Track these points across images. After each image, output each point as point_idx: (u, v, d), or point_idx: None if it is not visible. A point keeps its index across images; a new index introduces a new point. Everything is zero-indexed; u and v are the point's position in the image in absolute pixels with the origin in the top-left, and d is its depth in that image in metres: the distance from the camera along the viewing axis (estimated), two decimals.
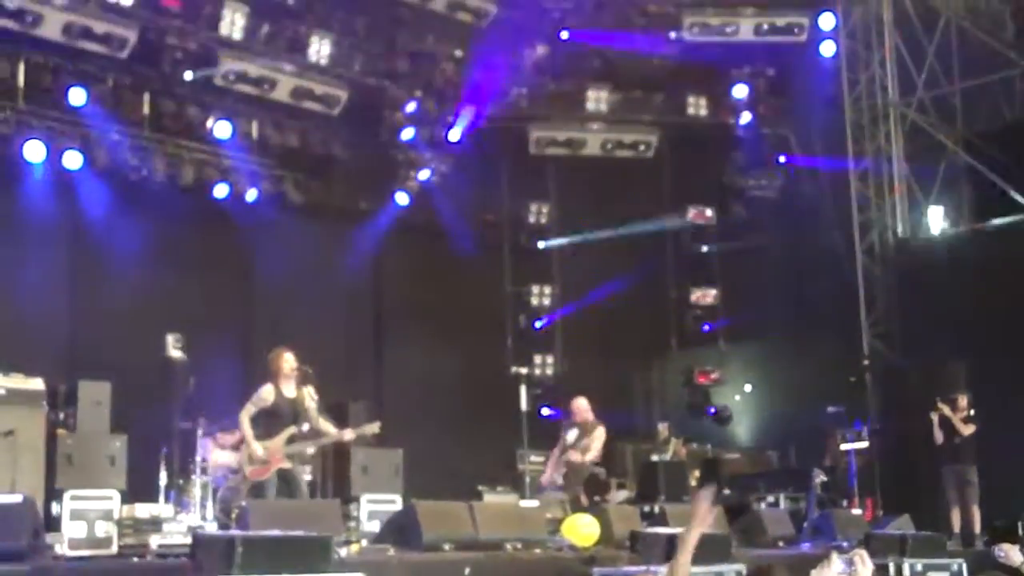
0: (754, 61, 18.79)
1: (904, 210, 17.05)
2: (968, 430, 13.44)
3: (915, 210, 16.99)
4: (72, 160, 14.83)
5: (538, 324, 19.55)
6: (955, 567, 10.81)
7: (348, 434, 10.57)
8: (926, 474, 13.86)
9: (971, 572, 10.77)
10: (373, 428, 10.97)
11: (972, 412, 13.50)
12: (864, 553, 6.08)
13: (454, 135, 18.06)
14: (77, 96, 14.66)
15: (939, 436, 13.54)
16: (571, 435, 12.65)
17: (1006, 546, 8.69)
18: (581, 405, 12.80)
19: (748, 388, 19.39)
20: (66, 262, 15.11)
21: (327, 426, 10.45)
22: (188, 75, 15.18)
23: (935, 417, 13.55)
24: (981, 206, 16.26)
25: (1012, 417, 14.19)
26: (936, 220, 16.76)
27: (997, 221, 15.74)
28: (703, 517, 5.35)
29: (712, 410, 19.36)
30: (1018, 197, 15.34)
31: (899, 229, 17.02)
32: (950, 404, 13.55)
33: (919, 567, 10.53)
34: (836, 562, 5.90)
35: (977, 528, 13.21)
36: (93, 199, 15.07)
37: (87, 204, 15.07)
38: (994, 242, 15.65)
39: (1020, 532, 12.83)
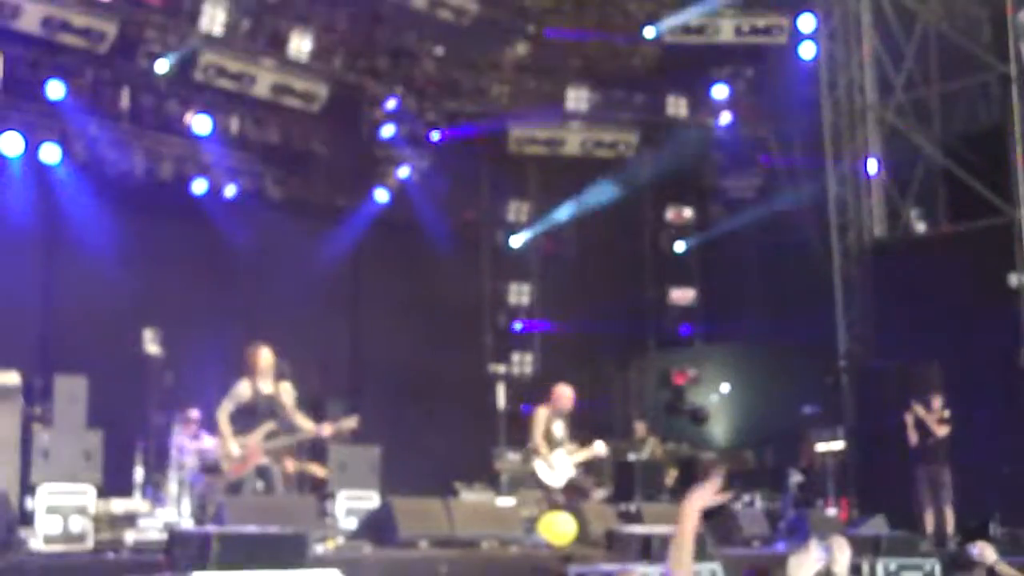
0: (734, 62, 18.86)
1: (881, 212, 17.14)
2: (942, 431, 13.50)
3: (892, 212, 17.08)
4: (50, 154, 14.77)
5: (518, 327, 19.55)
6: (928, 567, 10.89)
7: (326, 429, 10.52)
8: (900, 475, 13.92)
9: (944, 571, 10.85)
10: (351, 423, 10.92)
11: (946, 413, 13.57)
12: (842, 540, 6.13)
13: (437, 135, 18.07)
14: (55, 89, 14.60)
15: (913, 437, 13.60)
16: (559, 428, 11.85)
17: (980, 544, 8.76)
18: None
19: (725, 388, 19.46)
20: (43, 256, 15.04)
21: (304, 421, 10.40)
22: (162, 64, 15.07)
23: (909, 418, 13.62)
24: (957, 208, 16.35)
25: (985, 418, 14.29)
26: (913, 222, 16.84)
27: (972, 223, 15.83)
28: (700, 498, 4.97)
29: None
30: (993, 199, 15.44)
31: (876, 231, 17.11)
32: (924, 405, 13.62)
33: (893, 567, 10.62)
34: (815, 548, 5.94)
35: (950, 528, 13.28)
36: (71, 193, 15.02)
37: (65, 198, 15.01)
38: (969, 244, 15.74)
39: (991, 532, 12.95)
